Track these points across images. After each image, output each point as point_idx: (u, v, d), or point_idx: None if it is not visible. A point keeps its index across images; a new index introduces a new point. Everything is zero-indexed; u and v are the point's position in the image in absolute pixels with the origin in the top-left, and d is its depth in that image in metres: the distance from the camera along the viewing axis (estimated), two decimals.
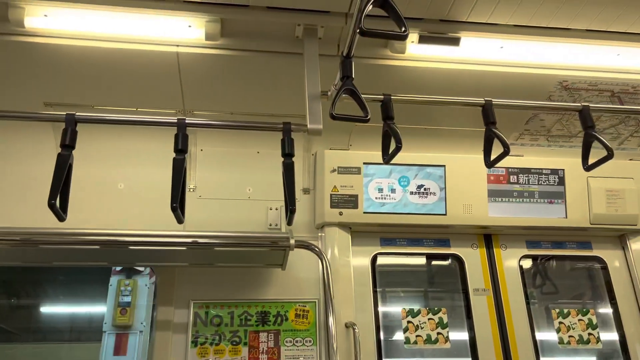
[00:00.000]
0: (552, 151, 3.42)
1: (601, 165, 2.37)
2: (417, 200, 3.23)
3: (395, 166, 3.26)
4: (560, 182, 3.37)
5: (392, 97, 2.30)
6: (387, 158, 2.30)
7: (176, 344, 2.92)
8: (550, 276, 3.49)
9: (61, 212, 1.95)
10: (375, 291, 3.20)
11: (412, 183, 3.25)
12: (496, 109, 2.34)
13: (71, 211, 2.10)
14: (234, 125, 2.43)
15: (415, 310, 3.20)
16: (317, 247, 2.96)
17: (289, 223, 2.15)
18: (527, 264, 3.42)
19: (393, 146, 2.18)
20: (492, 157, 2.34)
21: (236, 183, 3.25)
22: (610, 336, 3.29)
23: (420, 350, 3.13)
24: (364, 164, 3.26)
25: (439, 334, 3.15)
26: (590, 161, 2.41)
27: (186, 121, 2.16)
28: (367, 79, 2.47)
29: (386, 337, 3.13)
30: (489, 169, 3.26)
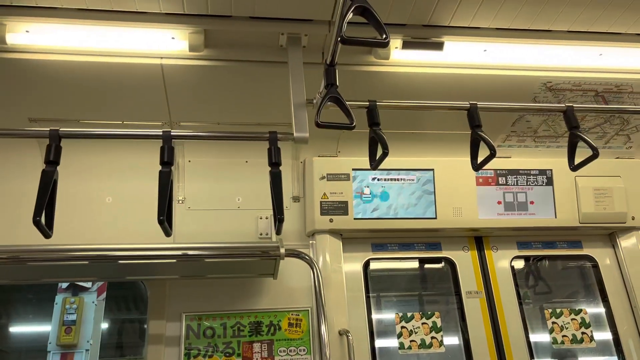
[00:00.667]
0: (540, 152, 3.44)
1: (587, 164, 2.39)
2: (407, 204, 3.23)
3: (384, 171, 3.26)
4: (549, 182, 3.39)
5: (377, 103, 2.30)
6: (374, 164, 2.31)
7: (169, 358, 2.89)
8: (542, 276, 3.50)
9: (47, 228, 1.93)
10: (368, 297, 3.19)
11: (401, 187, 3.26)
12: (482, 111, 2.35)
13: (60, 226, 2.09)
14: (219, 136, 2.42)
15: (409, 315, 3.20)
16: (307, 255, 2.95)
17: (278, 232, 2.14)
18: (519, 265, 3.43)
19: (380, 152, 2.19)
20: (479, 160, 2.35)
21: (225, 193, 3.25)
22: (603, 335, 3.30)
23: (415, 355, 3.12)
24: (353, 170, 3.26)
25: (433, 338, 3.15)
26: (577, 161, 2.43)
27: (172, 133, 2.15)
28: (352, 86, 2.48)
29: (380, 343, 3.12)
30: (478, 172, 3.27)
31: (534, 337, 3.22)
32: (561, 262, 3.54)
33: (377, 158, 2.25)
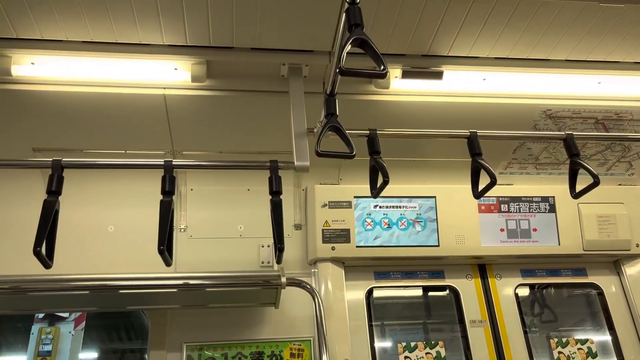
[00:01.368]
0: (542, 179, 3.43)
1: (589, 192, 2.38)
2: (410, 232, 3.22)
3: (386, 198, 3.26)
4: (552, 209, 3.37)
5: (377, 132, 2.31)
6: (375, 192, 2.31)
7: None
8: (547, 304, 3.46)
9: (47, 259, 1.93)
10: (370, 326, 3.16)
11: (404, 215, 3.25)
12: (482, 139, 2.36)
13: (62, 255, 2.09)
14: (221, 166, 2.44)
15: (412, 344, 3.15)
16: (309, 284, 2.93)
17: (279, 261, 2.14)
18: (523, 292, 3.39)
19: (381, 180, 2.19)
20: (480, 188, 2.35)
21: (227, 221, 3.25)
22: None
23: None
24: (354, 197, 3.26)
25: None
26: (579, 188, 2.42)
27: (173, 163, 2.16)
28: (353, 114, 2.50)
29: None
30: (479, 199, 3.27)
31: None
32: (566, 290, 3.50)
33: (378, 186, 2.26)
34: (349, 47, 1.68)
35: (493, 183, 2.21)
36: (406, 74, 2.65)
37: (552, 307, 3.45)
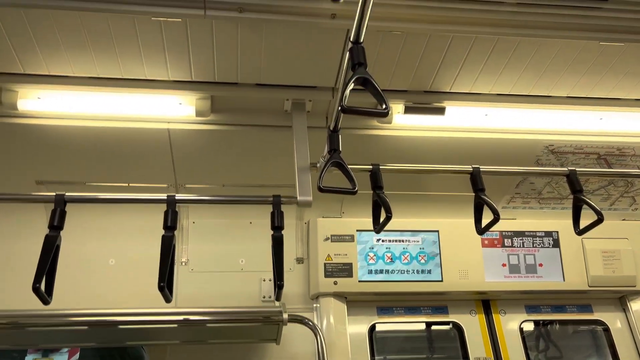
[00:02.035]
0: (545, 213, 3.42)
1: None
2: (413, 267, 3.19)
3: (389, 232, 3.25)
4: (555, 244, 3.35)
5: (380, 167, 2.32)
6: (378, 227, 2.30)
7: None
8: (553, 340, 3.40)
9: (46, 295, 1.91)
10: None
11: (407, 249, 3.23)
12: (485, 175, 2.36)
13: (62, 289, 2.08)
14: (224, 200, 2.43)
15: None
16: (311, 321, 2.89)
17: (278, 298, 2.12)
18: (528, 328, 3.34)
19: (384, 215, 2.18)
20: (484, 224, 2.34)
21: (228, 255, 3.22)
22: None
23: None
24: (357, 231, 3.25)
25: None
26: (583, 223, 2.41)
27: (176, 197, 2.16)
28: (356, 149, 2.51)
29: None
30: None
31: None
32: (572, 327, 3.45)
33: (381, 222, 2.25)
34: (352, 86, 1.69)
35: (496, 219, 2.20)
36: (408, 110, 2.67)
37: (558, 343, 3.39)
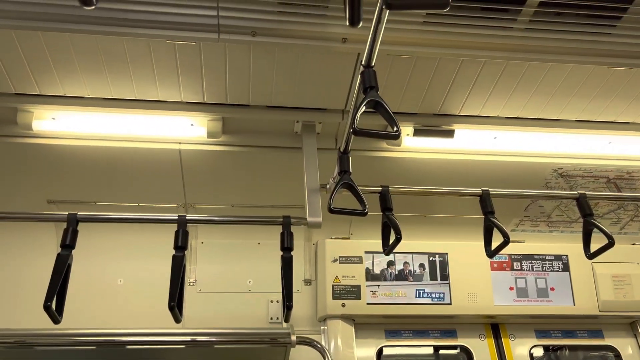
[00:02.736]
0: (554, 237, 3.40)
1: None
2: (422, 289, 3.17)
3: (397, 254, 3.23)
4: (565, 268, 3.32)
5: (390, 189, 2.32)
6: (388, 250, 2.30)
7: None
8: None
9: (56, 314, 1.92)
10: None
11: (415, 271, 3.21)
12: (494, 197, 2.36)
13: (71, 309, 2.08)
14: (235, 221, 2.45)
15: None
16: (319, 343, 2.87)
17: (286, 320, 2.11)
18: (538, 353, 3.29)
19: (393, 237, 2.18)
20: (493, 246, 2.34)
21: (237, 275, 3.22)
22: None
23: None
24: (365, 253, 3.24)
25: None
26: (593, 247, 2.40)
27: (187, 217, 2.18)
28: (365, 170, 2.52)
29: None
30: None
31: None
32: (582, 352, 3.40)
33: (390, 243, 2.24)
34: (363, 109, 1.71)
35: (506, 242, 2.19)
36: (418, 132, 2.69)
37: None
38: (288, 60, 2.24)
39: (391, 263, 3.21)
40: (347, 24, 1.35)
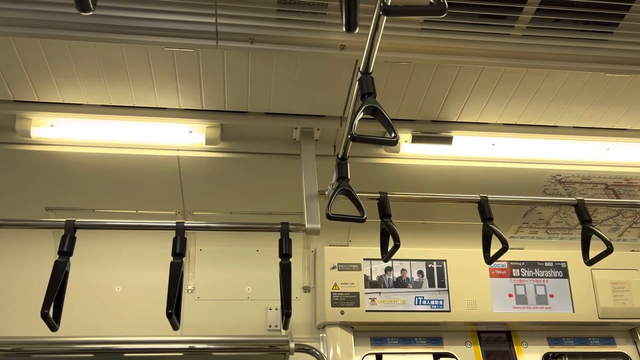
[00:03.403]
0: (553, 243, 3.40)
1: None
2: (421, 297, 3.16)
3: (396, 262, 3.22)
4: (564, 274, 3.31)
5: (388, 195, 2.33)
6: (386, 256, 2.30)
7: None
8: None
9: (54, 321, 1.91)
10: None
11: (414, 279, 3.20)
12: (492, 204, 2.37)
13: (68, 316, 2.07)
14: (233, 228, 2.45)
15: None
16: (318, 350, 2.86)
17: (285, 327, 2.10)
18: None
19: (392, 244, 2.18)
20: (492, 253, 2.33)
21: (235, 282, 3.21)
22: None
23: None
24: (364, 259, 3.23)
25: None
26: (592, 253, 2.39)
27: (185, 224, 2.18)
28: (363, 177, 2.53)
29: None
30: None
31: None
32: None
33: (389, 250, 2.24)
34: (361, 115, 1.71)
35: (505, 249, 2.20)
36: (416, 139, 2.69)
37: None
38: (286, 67, 2.25)
39: (389, 269, 3.20)
40: (344, 29, 1.36)
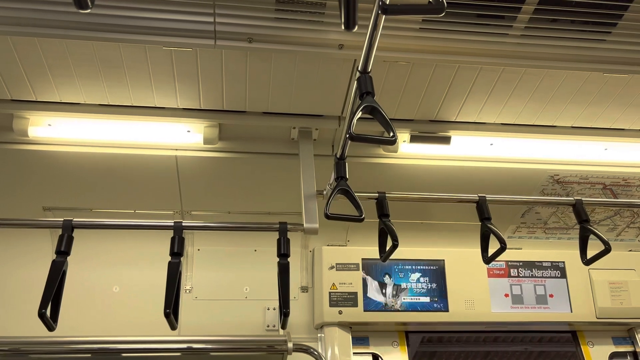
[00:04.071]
0: (551, 243, 3.40)
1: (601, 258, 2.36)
2: (419, 296, 3.16)
3: (394, 261, 3.22)
4: (562, 274, 3.32)
5: (386, 195, 2.33)
6: (384, 256, 2.30)
7: None
8: None
9: (51, 321, 1.91)
10: None
11: (413, 279, 3.21)
12: (490, 204, 2.37)
13: (65, 316, 2.06)
14: (231, 227, 2.45)
15: None
16: (316, 350, 2.85)
17: (283, 327, 2.10)
18: None
19: (390, 243, 2.18)
20: (490, 253, 2.33)
21: (233, 282, 3.20)
22: None
23: None
24: (362, 259, 3.23)
25: None
26: (590, 253, 2.40)
27: (183, 224, 2.17)
28: (362, 177, 2.53)
29: None
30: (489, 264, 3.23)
31: None
32: None
33: (387, 250, 2.24)
34: (360, 114, 1.71)
35: (503, 249, 2.20)
36: (414, 139, 2.69)
37: None
38: (285, 66, 2.25)
39: (387, 271, 3.20)
40: (343, 28, 1.36)
